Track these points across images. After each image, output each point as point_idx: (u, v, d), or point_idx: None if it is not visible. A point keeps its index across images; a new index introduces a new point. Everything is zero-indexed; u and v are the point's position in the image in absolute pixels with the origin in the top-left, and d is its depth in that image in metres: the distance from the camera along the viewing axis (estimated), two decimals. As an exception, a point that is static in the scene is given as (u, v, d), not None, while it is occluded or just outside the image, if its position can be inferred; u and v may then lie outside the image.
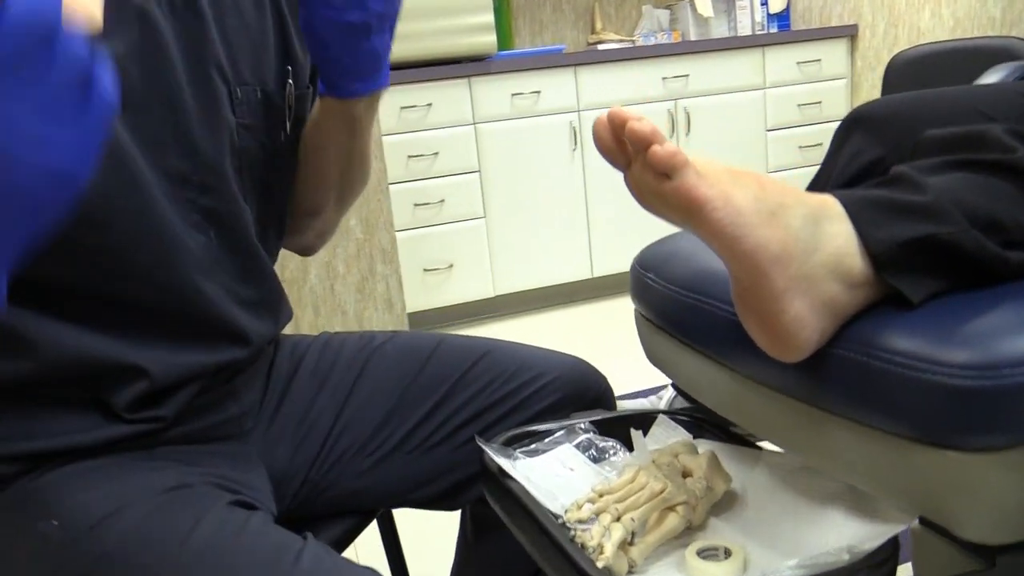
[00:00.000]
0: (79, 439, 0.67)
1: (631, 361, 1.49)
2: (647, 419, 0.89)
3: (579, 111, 3.00)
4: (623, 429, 0.87)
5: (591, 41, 3.49)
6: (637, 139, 0.51)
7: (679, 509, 0.70)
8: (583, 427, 0.85)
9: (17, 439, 0.65)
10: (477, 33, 2.81)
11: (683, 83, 3.12)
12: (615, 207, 3.10)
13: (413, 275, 2.87)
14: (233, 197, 0.74)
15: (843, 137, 1.11)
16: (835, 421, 0.60)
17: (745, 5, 3.50)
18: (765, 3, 3.50)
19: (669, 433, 0.87)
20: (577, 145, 3.01)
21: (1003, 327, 0.54)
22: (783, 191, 0.57)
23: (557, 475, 0.80)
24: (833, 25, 3.43)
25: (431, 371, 0.89)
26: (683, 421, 0.89)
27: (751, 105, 3.23)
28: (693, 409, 0.90)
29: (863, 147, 1.07)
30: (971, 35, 2.92)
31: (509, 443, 0.82)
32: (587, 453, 0.83)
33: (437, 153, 2.82)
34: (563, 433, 0.85)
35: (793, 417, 0.65)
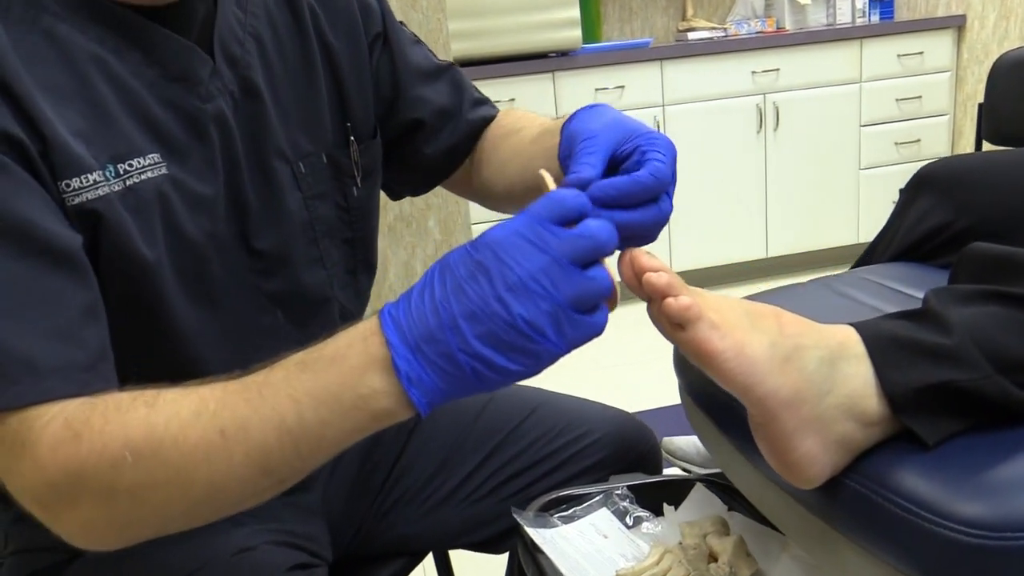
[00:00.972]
0: None
1: (661, 367, 1.50)
2: (685, 485, 0.92)
3: (663, 106, 2.96)
4: (662, 493, 0.91)
5: (681, 28, 3.42)
6: (652, 291, 0.53)
7: (699, 598, 0.73)
8: (620, 493, 0.89)
9: None
10: (562, 28, 2.80)
11: (773, 77, 3.03)
12: (699, 202, 3.06)
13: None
14: (299, 276, 0.77)
15: (910, 198, 1.09)
16: (846, 542, 0.62)
17: (846, -9, 3.36)
18: (867, -11, 3.35)
19: (704, 503, 0.90)
20: (660, 140, 2.98)
21: (1017, 482, 0.55)
22: (802, 331, 0.59)
23: (591, 542, 0.84)
24: (939, 15, 3.26)
25: (483, 424, 0.94)
26: (719, 489, 0.91)
27: (845, 99, 3.12)
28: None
29: (929, 210, 1.06)
30: (1091, 32, 2.73)
31: (547, 507, 0.87)
32: (624, 519, 0.87)
33: (519, 147, 2.84)
34: (601, 498, 0.89)
35: (808, 527, 0.67)
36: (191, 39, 0.67)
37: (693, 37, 3.27)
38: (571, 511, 0.87)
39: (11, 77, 0.56)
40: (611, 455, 0.95)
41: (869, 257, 1.14)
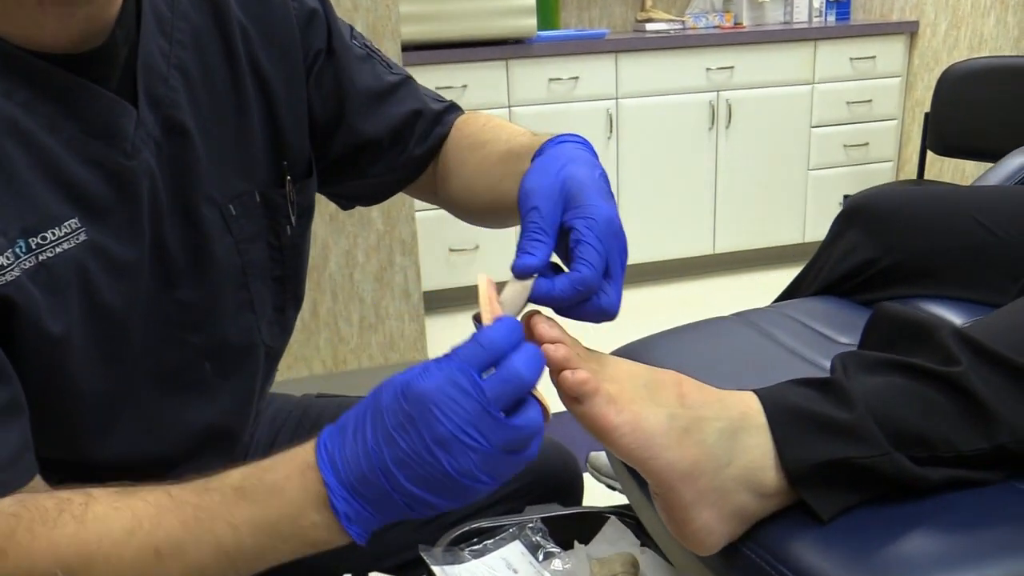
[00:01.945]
0: None
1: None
2: (599, 519, 0.91)
3: (617, 99, 2.95)
4: (576, 526, 0.90)
5: (640, 18, 3.40)
6: (549, 363, 0.52)
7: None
8: (533, 526, 0.88)
9: None
10: (518, 15, 2.76)
11: (727, 75, 3.03)
12: (649, 197, 3.07)
13: (438, 254, 2.89)
14: (226, 325, 0.73)
15: (840, 230, 1.10)
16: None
17: (804, -10, 3.36)
18: (825, -10, 3.36)
19: (617, 536, 0.90)
20: (613, 133, 2.97)
21: (904, 562, 0.55)
22: (704, 401, 0.58)
23: (500, 579, 0.83)
24: (894, 20, 3.29)
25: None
26: (633, 522, 0.91)
27: (797, 100, 3.14)
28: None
29: (856, 245, 1.06)
30: (1036, 47, 2.78)
31: (458, 540, 0.86)
32: (535, 554, 0.87)
33: (469, 134, 2.80)
34: (514, 530, 0.88)
35: (711, 586, 0.67)
36: (112, 86, 0.61)
37: (651, 28, 3.26)
38: (482, 544, 0.86)
39: None
40: (529, 483, 0.95)
41: (798, 285, 1.15)
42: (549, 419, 0.51)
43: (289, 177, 0.77)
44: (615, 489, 1.41)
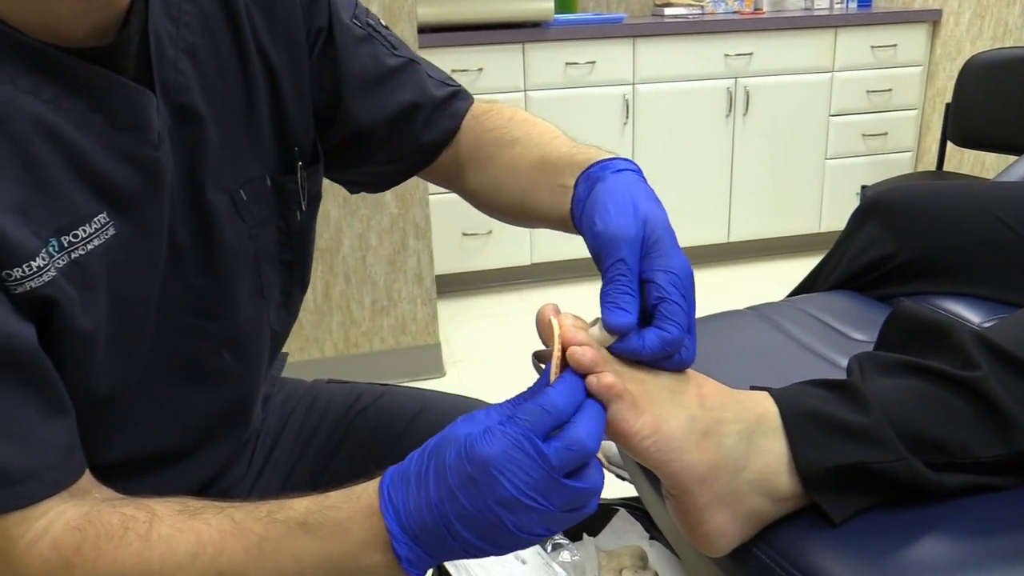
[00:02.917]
0: None
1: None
2: (609, 511, 0.91)
3: (634, 84, 2.92)
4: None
5: (658, 3, 3.36)
6: (576, 367, 0.51)
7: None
8: (543, 518, 0.88)
9: None
10: (536, -2, 2.73)
11: (746, 61, 3.00)
12: (664, 184, 3.05)
13: (452, 238, 2.89)
14: (240, 311, 0.73)
15: (858, 224, 1.08)
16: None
17: (826, -24, 3.31)
18: (847, -24, 3.31)
19: (626, 529, 0.90)
20: (629, 119, 2.95)
21: (915, 567, 0.55)
22: (724, 403, 0.57)
23: (509, 569, 0.84)
24: (916, 8, 3.24)
25: (407, 441, 0.92)
26: (642, 515, 0.91)
27: (816, 88, 3.10)
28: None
29: (874, 240, 1.05)
30: (1062, 38, 2.73)
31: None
32: (544, 545, 0.87)
33: (484, 118, 2.79)
34: (523, 521, 0.88)
35: (720, 583, 0.66)
36: (131, 75, 0.60)
37: (669, 13, 3.22)
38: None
39: None
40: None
41: (814, 279, 1.14)
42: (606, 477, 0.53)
43: (300, 163, 0.76)
44: (624, 479, 1.40)
